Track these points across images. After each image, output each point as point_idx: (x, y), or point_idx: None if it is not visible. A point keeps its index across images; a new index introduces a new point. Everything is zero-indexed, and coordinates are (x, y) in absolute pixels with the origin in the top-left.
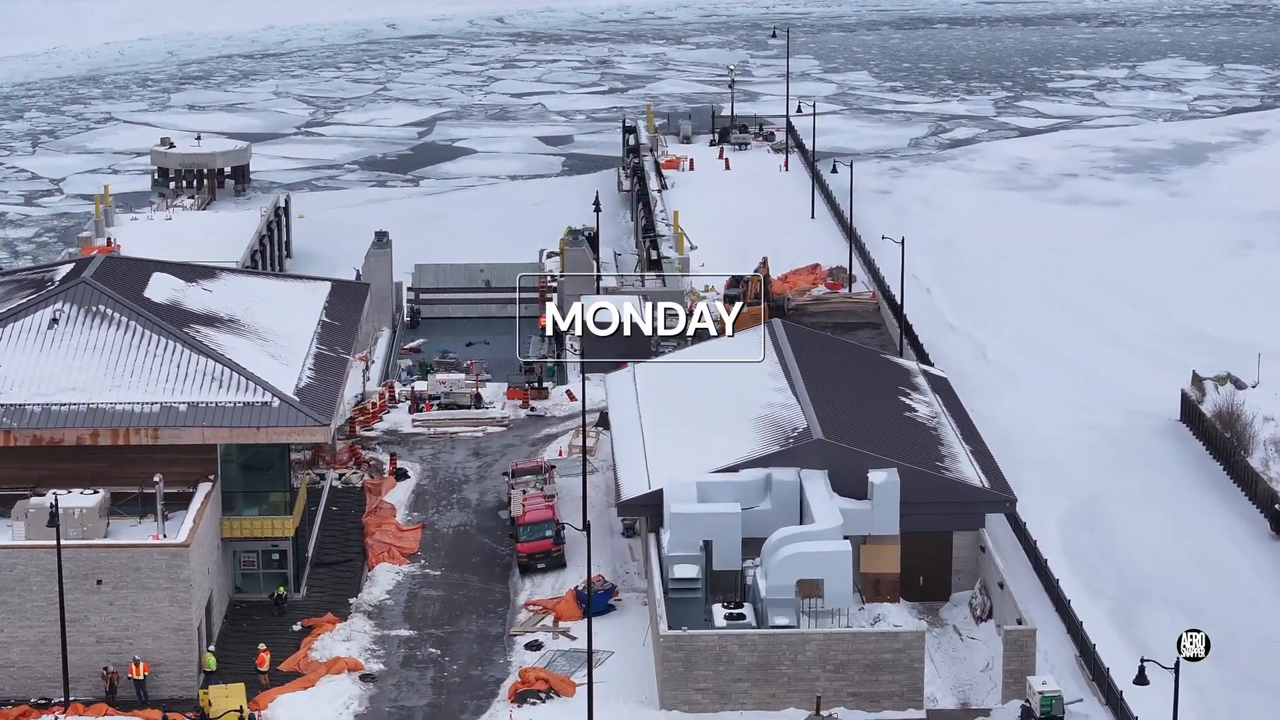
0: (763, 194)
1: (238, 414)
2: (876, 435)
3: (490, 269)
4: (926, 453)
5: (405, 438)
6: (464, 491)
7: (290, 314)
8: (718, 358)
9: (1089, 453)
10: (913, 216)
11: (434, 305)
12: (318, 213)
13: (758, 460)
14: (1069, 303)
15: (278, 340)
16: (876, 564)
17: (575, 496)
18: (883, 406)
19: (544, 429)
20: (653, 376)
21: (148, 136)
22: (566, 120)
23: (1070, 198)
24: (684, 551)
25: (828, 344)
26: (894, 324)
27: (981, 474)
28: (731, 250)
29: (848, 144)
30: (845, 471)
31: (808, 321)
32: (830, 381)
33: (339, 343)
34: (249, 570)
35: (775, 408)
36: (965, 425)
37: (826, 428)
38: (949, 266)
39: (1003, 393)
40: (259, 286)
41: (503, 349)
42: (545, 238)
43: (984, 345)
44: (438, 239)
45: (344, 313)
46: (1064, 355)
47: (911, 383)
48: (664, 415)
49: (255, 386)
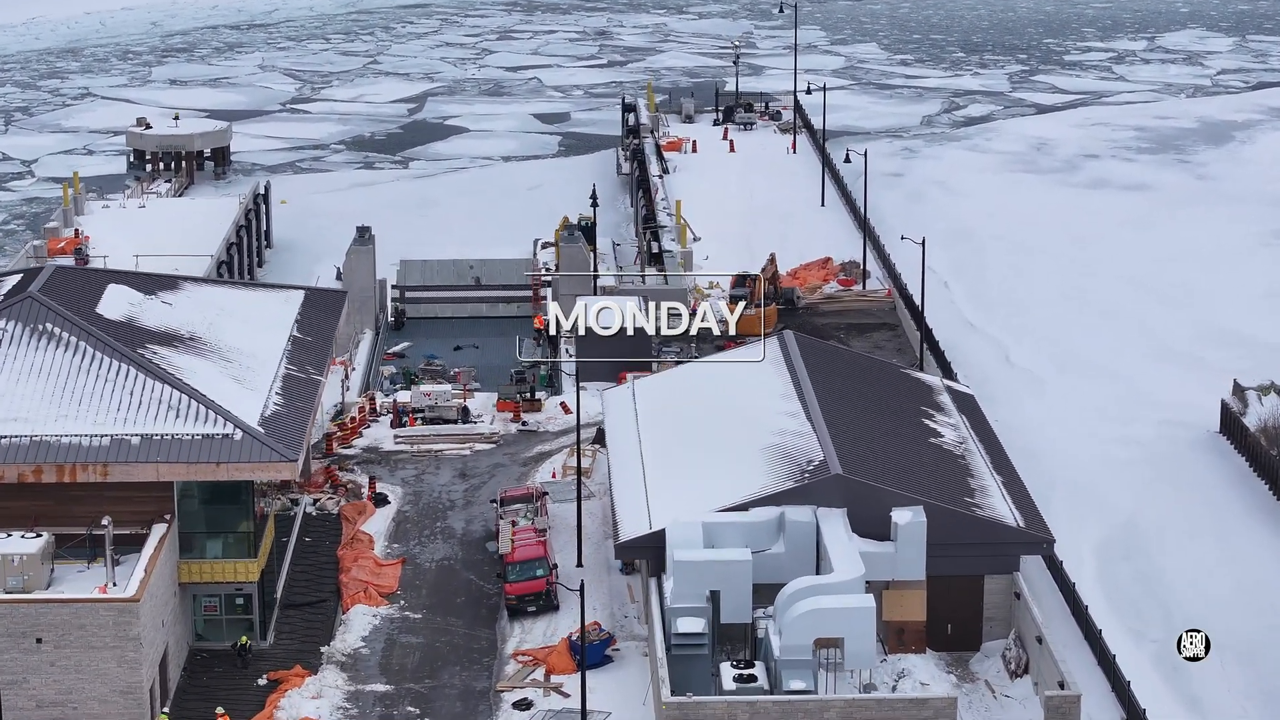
0: (769, 179)
1: (196, 448)
2: (899, 467)
3: (480, 266)
4: (954, 486)
5: (386, 456)
6: (449, 519)
7: (258, 329)
8: (723, 374)
9: (1123, 471)
10: (927, 202)
11: (420, 305)
12: (301, 198)
13: (769, 498)
14: (1095, 300)
15: (243, 361)
16: (900, 611)
17: (569, 526)
18: (905, 432)
19: (536, 446)
20: (654, 393)
21: (126, 114)
22: (563, 96)
23: (1092, 181)
24: (689, 603)
25: (843, 358)
26: (911, 325)
27: (1015, 510)
28: (737, 242)
29: (857, 122)
30: (866, 509)
31: (820, 322)
32: (847, 403)
33: (311, 362)
34: (211, 615)
35: (788, 435)
36: (995, 451)
37: (845, 460)
38: (967, 259)
39: (1027, 401)
40: (224, 298)
41: (493, 353)
42: (540, 226)
43: (1006, 347)
44: (426, 228)
45: (318, 326)
46: (1091, 359)
47: (935, 401)
48: (666, 441)
49: (216, 417)
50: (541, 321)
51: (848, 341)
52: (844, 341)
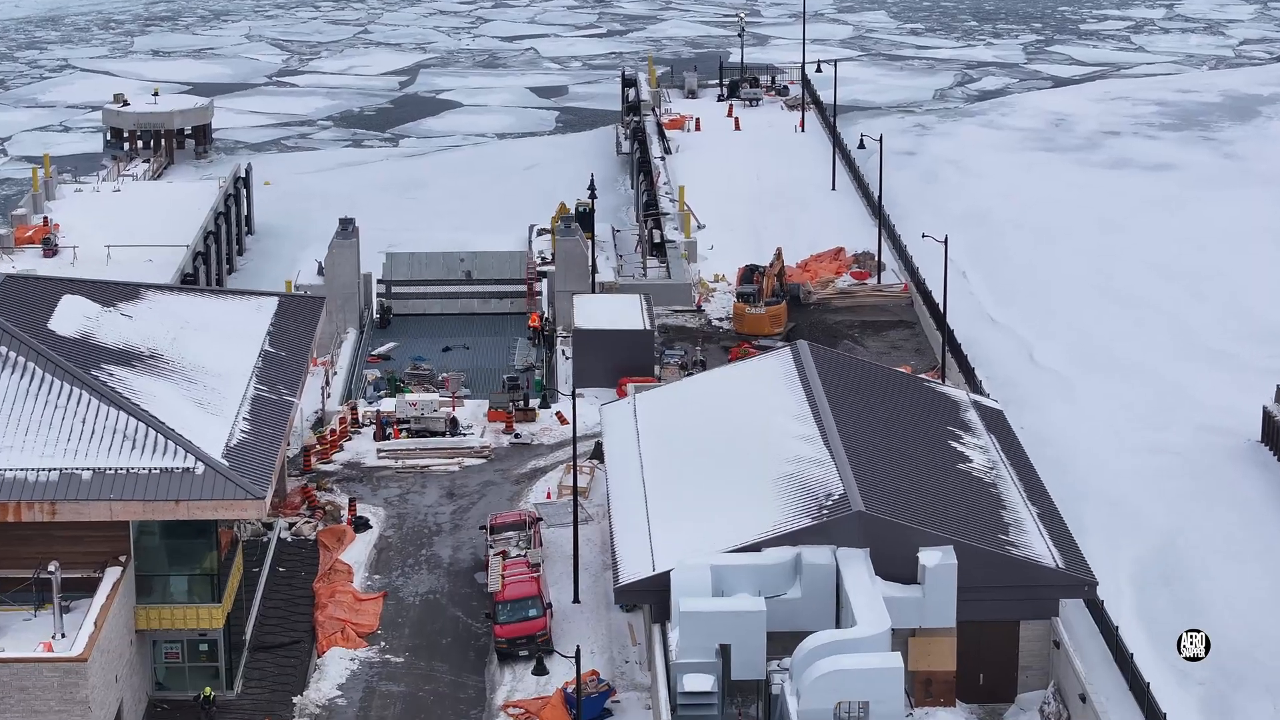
0: (777, 160)
1: (153, 484)
2: (926, 500)
3: (472, 259)
4: (987, 522)
5: (368, 473)
6: (435, 546)
7: (226, 343)
8: (732, 390)
9: (1158, 483)
10: (942, 183)
11: (407, 300)
12: (285, 179)
13: (784, 537)
14: (1121, 290)
15: (207, 381)
16: (928, 660)
17: (565, 555)
18: (931, 457)
19: (530, 460)
20: (656, 409)
21: (105, 87)
22: (561, 68)
23: (1114, 161)
24: (696, 658)
25: (860, 371)
26: (930, 323)
27: (1054, 548)
28: (743, 230)
29: (867, 96)
30: (890, 549)
31: (832, 319)
32: (867, 424)
33: (283, 380)
34: (173, 663)
35: (804, 463)
36: (1028, 477)
37: (867, 494)
38: (986, 245)
39: (1054, 405)
40: (190, 308)
41: (485, 354)
42: (536, 210)
43: (1030, 345)
44: (416, 212)
45: (292, 337)
46: (1120, 356)
47: (962, 420)
48: (669, 466)
49: (176, 448)
50: (537, 320)
51: (862, 341)
52: (858, 341)
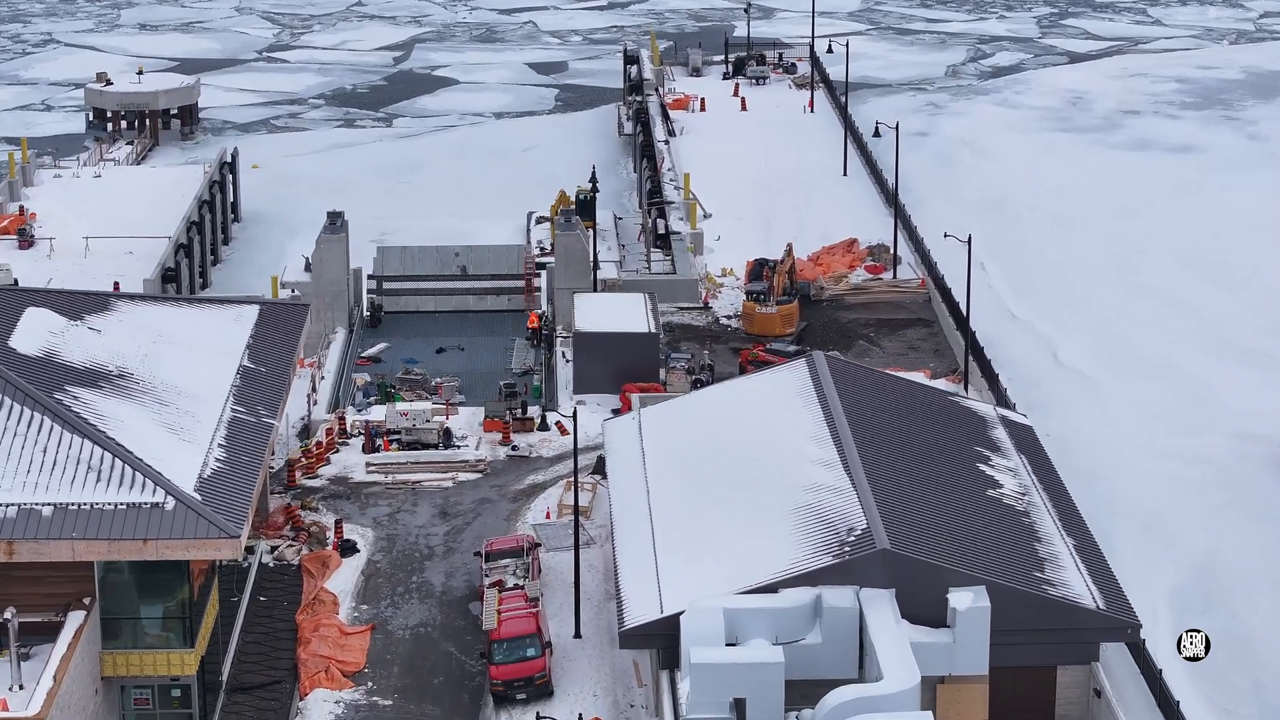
0: (786, 142)
1: (119, 521)
2: (955, 534)
3: (466, 253)
4: (1021, 557)
5: (356, 489)
6: (426, 572)
7: (201, 359)
8: (743, 407)
9: (1193, 497)
10: (956, 166)
11: (399, 297)
12: (274, 162)
13: (803, 576)
14: (1146, 282)
15: (181, 403)
16: (958, 709)
17: (566, 582)
18: (959, 483)
19: (528, 475)
20: (663, 427)
21: (90, 64)
22: (561, 43)
23: (1134, 142)
24: (708, 713)
25: (880, 385)
26: (950, 321)
27: (1093, 586)
28: (752, 219)
29: (878, 73)
30: (917, 590)
31: (845, 318)
32: (890, 447)
33: (263, 399)
34: (142, 710)
35: (823, 491)
36: (1062, 503)
37: (893, 528)
38: (1004, 234)
39: (1080, 410)
40: (163, 320)
41: (481, 356)
42: (535, 195)
43: (1054, 342)
44: (409, 197)
45: (273, 350)
46: (1148, 355)
47: (990, 439)
48: (678, 493)
49: (144, 480)
50: (536, 320)
51: (878, 341)
52: (874, 341)
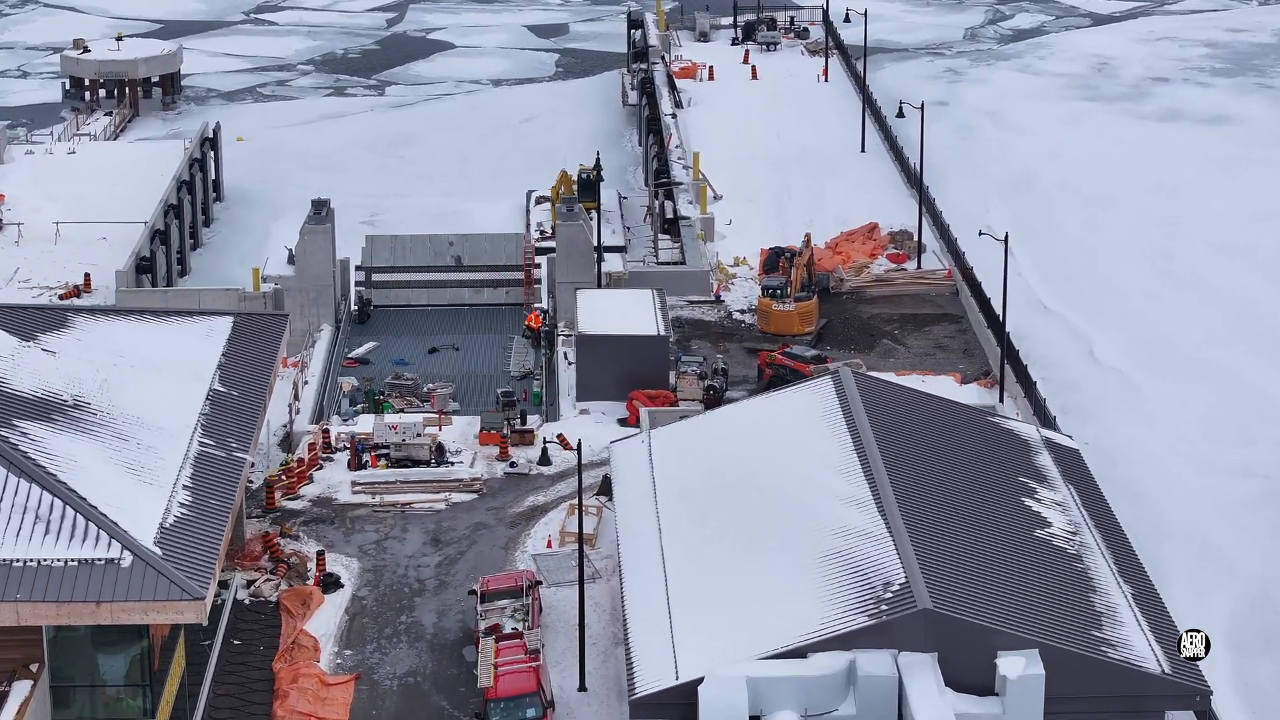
0: (799, 115)
1: (69, 580)
2: (1003, 586)
3: (461, 242)
4: (1076, 612)
5: (341, 511)
6: (416, 610)
7: (167, 383)
8: (763, 434)
9: (1246, 515)
10: (979, 140)
11: (389, 290)
12: (260, 134)
13: (835, 639)
14: (1185, 270)
15: (143, 436)
16: None
17: (569, 622)
18: (1005, 523)
19: (528, 496)
20: (675, 454)
21: (70, 26)
22: (561, 3)
23: (1164, 112)
24: None
25: (912, 405)
26: (979, 317)
27: (1155, 644)
28: (765, 201)
29: (893, 36)
30: (963, 654)
31: (867, 313)
32: (927, 481)
33: (234, 430)
34: None
35: (854, 536)
36: (1116, 543)
37: (935, 582)
38: (1032, 215)
39: (1121, 415)
40: (127, 336)
41: (477, 356)
42: (535, 171)
43: (1089, 339)
44: (402, 173)
45: (247, 370)
46: (1191, 353)
47: (1034, 467)
48: (692, 532)
49: (98, 532)
50: (538, 320)
51: (903, 339)
52: (898, 340)
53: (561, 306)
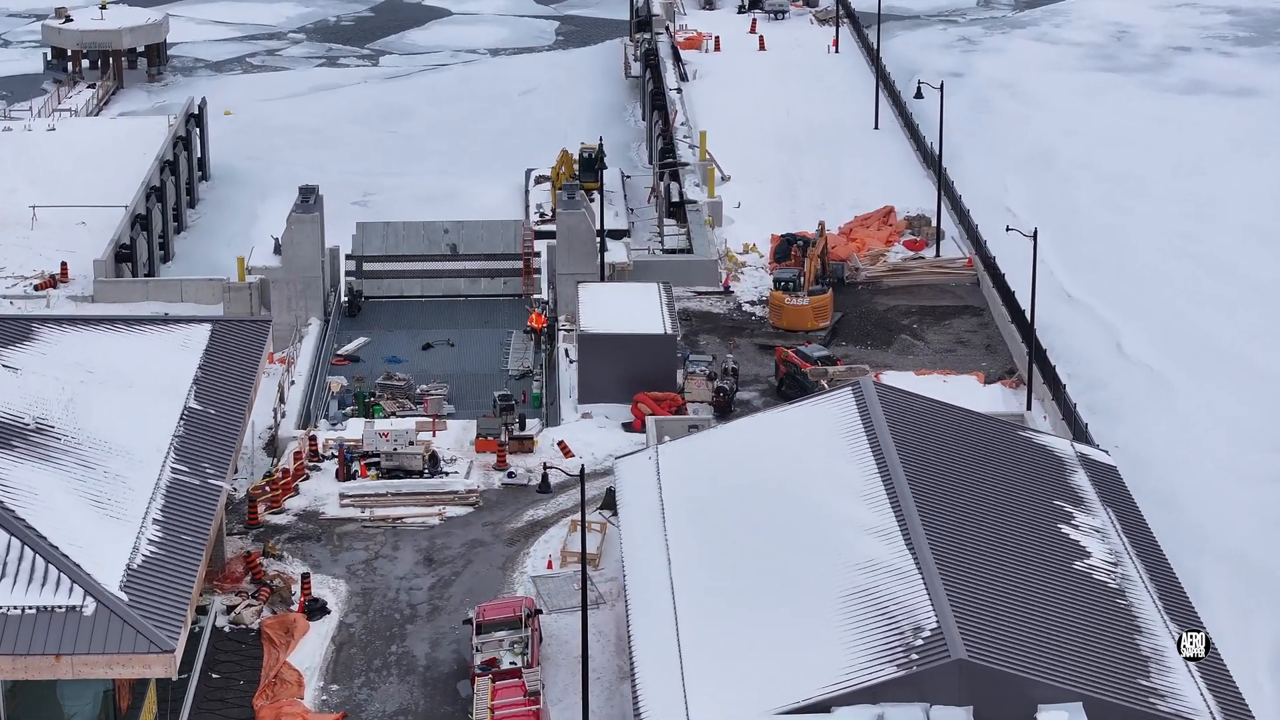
0: (809, 89)
1: (27, 630)
2: (1042, 629)
3: (457, 229)
4: (1121, 658)
5: (328, 527)
6: (408, 639)
7: (139, 401)
8: (780, 454)
9: None
10: (996, 114)
11: (381, 281)
12: (248, 106)
13: (861, 692)
14: (1215, 256)
15: (110, 464)
16: None
17: (572, 654)
18: (1042, 555)
19: (527, 509)
20: (684, 472)
21: None
22: None
23: (1187, 84)
24: None
25: (938, 420)
26: (1003, 310)
27: (1207, 691)
28: (775, 182)
29: (905, 2)
30: (1000, 707)
31: (884, 305)
32: (956, 508)
33: (210, 454)
34: None
35: (879, 572)
36: (1160, 573)
37: (969, 628)
38: (1052, 196)
39: (1152, 416)
40: (96, 349)
41: (473, 353)
42: (534, 148)
43: (1116, 331)
44: (396, 150)
45: (225, 383)
46: (1224, 347)
47: (1070, 488)
48: (705, 565)
49: (60, 576)
50: (541, 321)
51: (922, 334)
52: (917, 335)
53: (562, 299)
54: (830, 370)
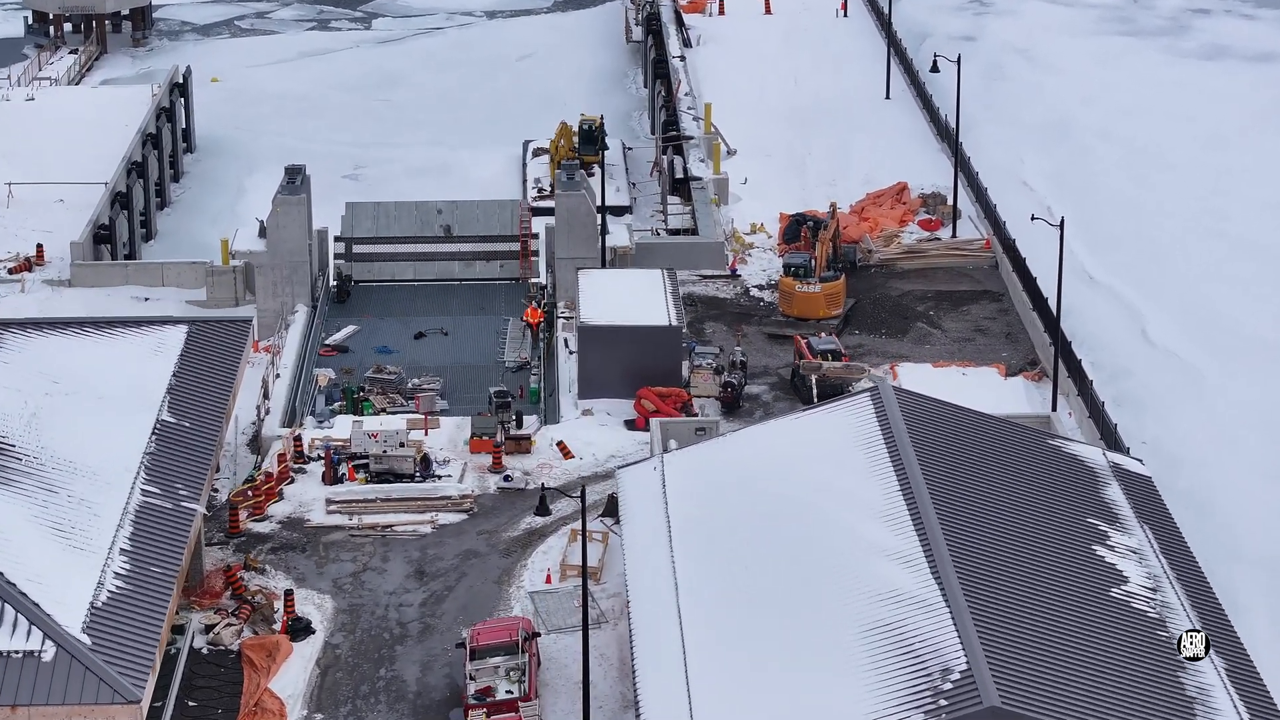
0: (817, 57)
1: None
2: (1080, 670)
3: (451, 210)
4: (1165, 700)
5: (314, 536)
6: (397, 662)
7: (108, 414)
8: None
9: None
10: (1010, 81)
11: (372, 264)
12: (236, 74)
13: None
14: (1243, 235)
15: (75, 487)
16: None
17: (571, 679)
18: (1078, 582)
19: (524, 516)
20: (692, 485)
21: None
22: None
23: (1207, 49)
24: None
25: (965, 431)
26: (1023, 296)
27: None
28: (782, 156)
29: None
30: None
31: (898, 290)
32: (985, 530)
33: (184, 474)
34: None
35: (904, 603)
36: (1201, 597)
37: (1002, 669)
38: (1070, 169)
39: (1180, 407)
40: (65, 356)
41: (468, 342)
42: (531, 118)
43: (1141, 314)
44: (389, 120)
45: (202, 392)
46: (1255, 333)
47: (1104, 503)
48: (713, 591)
49: (17, 617)
50: (538, 316)
51: (939, 321)
52: (934, 322)
53: (561, 284)
54: (824, 365)
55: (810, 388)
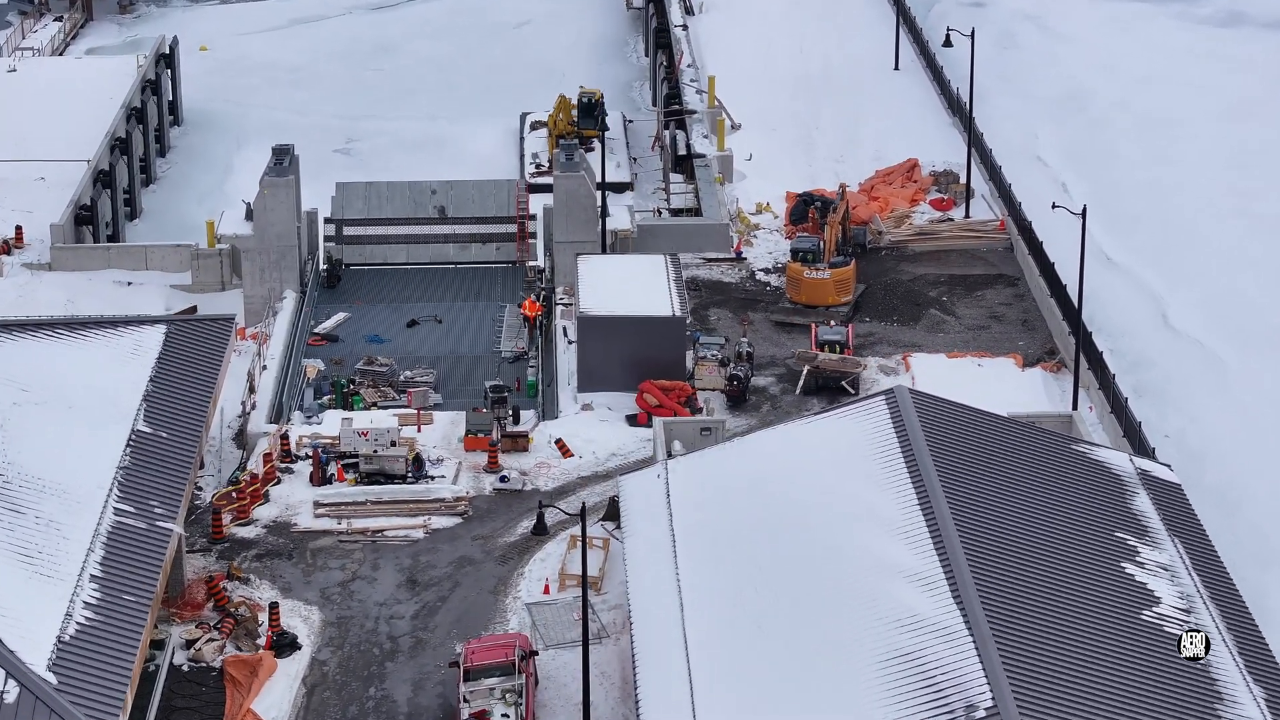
0: (823, 24)
1: None
2: (1111, 703)
3: (445, 190)
4: None
5: (300, 542)
6: (388, 679)
7: (80, 425)
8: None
9: None
10: (1022, 50)
11: (363, 247)
12: (224, 43)
13: None
14: (1268, 214)
15: (43, 508)
16: None
17: (570, 699)
18: (1107, 604)
19: (521, 520)
20: (698, 496)
21: None
22: None
23: (1224, 16)
24: None
25: (985, 437)
26: (1040, 282)
27: None
28: (788, 130)
29: None
30: None
31: (909, 274)
32: (1009, 546)
33: (160, 490)
34: None
35: (924, 631)
36: (1236, 618)
37: (1029, 705)
38: (1086, 143)
39: (1204, 398)
40: (37, 362)
41: (463, 331)
42: (528, 89)
43: (1162, 299)
44: (381, 91)
45: (180, 399)
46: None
47: (1134, 515)
48: (722, 613)
49: None
50: (536, 309)
51: (952, 307)
52: (947, 309)
53: (560, 268)
54: (819, 357)
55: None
